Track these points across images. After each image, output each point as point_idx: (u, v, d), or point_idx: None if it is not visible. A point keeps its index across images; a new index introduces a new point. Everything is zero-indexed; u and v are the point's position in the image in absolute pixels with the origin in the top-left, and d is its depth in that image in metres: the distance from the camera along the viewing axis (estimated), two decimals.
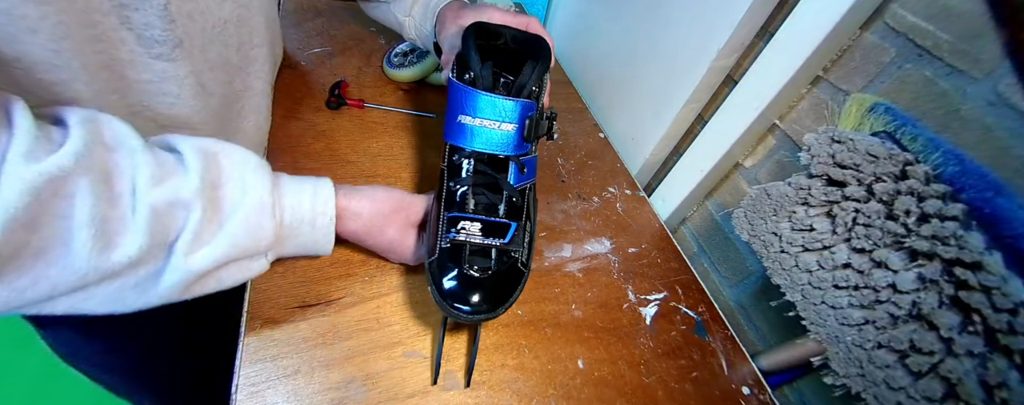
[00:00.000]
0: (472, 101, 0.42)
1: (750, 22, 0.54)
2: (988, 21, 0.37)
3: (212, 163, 0.35)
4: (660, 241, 0.65)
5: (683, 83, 0.63)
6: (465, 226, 0.41)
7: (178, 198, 0.32)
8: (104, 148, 0.30)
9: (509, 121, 0.43)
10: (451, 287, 0.39)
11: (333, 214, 0.41)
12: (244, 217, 0.35)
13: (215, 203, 0.34)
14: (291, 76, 0.69)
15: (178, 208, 0.32)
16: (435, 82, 0.75)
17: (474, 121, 0.42)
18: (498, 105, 0.42)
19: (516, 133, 0.43)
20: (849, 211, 0.43)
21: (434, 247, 0.42)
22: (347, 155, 0.61)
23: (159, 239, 0.31)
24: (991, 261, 0.35)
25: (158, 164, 0.32)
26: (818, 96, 0.51)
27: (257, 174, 0.37)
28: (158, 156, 0.33)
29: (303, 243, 0.41)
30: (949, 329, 0.37)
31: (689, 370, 0.51)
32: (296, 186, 0.40)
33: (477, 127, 0.42)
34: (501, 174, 0.44)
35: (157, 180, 0.31)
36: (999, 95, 0.37)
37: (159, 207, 0.31)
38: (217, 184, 0.35)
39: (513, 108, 0.42)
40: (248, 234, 0.35)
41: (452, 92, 0.44)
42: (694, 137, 0.64)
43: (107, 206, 0.29)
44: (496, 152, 0.43)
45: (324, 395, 0.40)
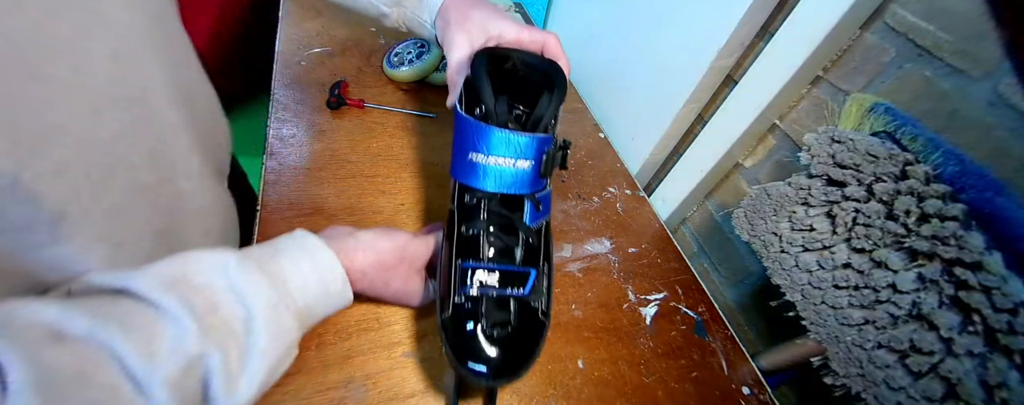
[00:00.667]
0: (485, 138, 0.38)
1: (750, 22, 0.54)
2: (988, 21, 0.37)
3: (186, 290, 0.29)
4: (660, 241, 0.65)
5: (683, 83, 0.63)
6: (482, 278, 0.38)
7: (188, 357, 0.27)
8: (50, 347, 0.23)
9: (525, 158, 0.39)
10: (468, 348, 0.36)
11: (343, 275, 0.37)
12: (263, 326, 0.30)
13: (223, 330, 0.29)
14: (291, 76, 0.69)
15: (192, 365, 0.27)
16: (435, 82, 0.75)
17: (486, 159, 0.38)
18: (513, 141, 0.38)
19: (532, 170, 0.40)
20: (849, 211, 0.43)
21: (447, 302, 0.38)
22: (347, 155, 0.61)
23: (190, 400, 0.27)
24: (991, 261, 0.35)
25: (131, 330, 0.25)
26: (818, 96, 0.51)
27: (244, 275, 0.31)
28: (124, 319, 0.26)
29: (324, 314, 0.37)
30: (949, 329, 0.37)
31: (689, 370, 0.51)
32: (289, 262, 0.35)
33: (490, 165, 0.38)
34: (516, 213, 0.40)
35: (149, 349, 0.26)
36: (999, 95, 0.37)
37: (173, 378, 0.26)
38: (210, 309, 0.29)
39: (529, 144, 0.39)
40: (275, 340, 0.31)
41: (461, 126, 0.40)
42: (694, 137, 0.64)
43: None
44: (511, 192, 0.39)
45: (324, 395, 0.40)
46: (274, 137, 0.59)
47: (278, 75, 0.68)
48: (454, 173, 0.41)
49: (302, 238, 0.37)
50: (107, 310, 0.26)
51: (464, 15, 0.47)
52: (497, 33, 0.45)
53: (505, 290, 0.38)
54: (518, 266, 0.40)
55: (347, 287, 0.37)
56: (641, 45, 0.72)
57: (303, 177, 0.56)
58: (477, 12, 0.47)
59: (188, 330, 0.27)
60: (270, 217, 0.51)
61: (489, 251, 0.40)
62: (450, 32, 0.47)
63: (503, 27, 0.45)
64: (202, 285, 0.30)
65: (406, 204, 0.58)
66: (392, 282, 0.41)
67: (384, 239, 0.41)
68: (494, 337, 0.36)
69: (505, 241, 0.40)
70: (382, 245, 0.40)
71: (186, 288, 0.29)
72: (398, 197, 0.58)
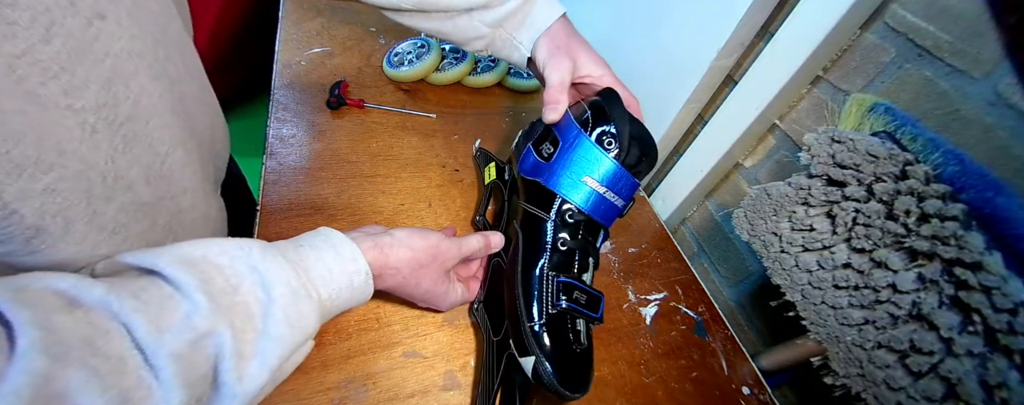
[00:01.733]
0: (609, 172, 0.42)
1: (750, 22, 0.54)
2: (988, 21, 0.37)
3: (207, 269, 0.29)
4: (660, 241, 0.65)
5: (683, 83, 0.63)
6: (577, 296, 0.41)
7: (197, 332, 0.27)
8: (62, 314, 0.23)
9: (623, 197, 0.43)
10: (559, 359, 0.38)
11: (367, 269, 0.37)
12: (281, 313, 0.30)
13: (240, 311, 0.29)
14: (291, 76, 0.69)
15: (202, 340, 0.27)
16: (435, 82, 0.75)
17: (600, 188, 0.42)
18: (625, 181, 0.43)
19: (622, 208, 0.44)
20: (849, 211, 0.43)
21: (537, 310, 0.40)
22: (347, 155, 0.61)
23: (197, 382, 0.27)
24: (991, 261, 0.35)
25: (144, 303, 0.26)
26: (818, 96, 0.51)
27: (267, 260, 0.31)
28: (138, 292, 0.26)
29: (344, 307, 0.37)
30: (949, 329, 0.37)
31: (689, 370, 0.51)
32: (313, 253, 0.35)
33: (600, 194, 0.42)
34: (592, 239, 0.44)
35: (159, 322, 0.26)
36: (999, 95, 0.37)
37: (181, 352, 0.26)
38: (229, 290, 0.29)
39: (632, 187, 0.43)
40: (292, 328, 0.31)
41: (584, 150, 0.43)
42: (694, 137, 0.64)
43: (118, 378, 0.23)
44: (602, 222, 0.43)
45: (324, 395, 0.40)
46: (274, 137, 0.59)
47: (278, 75, 0.68)
48: (556, 186, 0.44)
49: (326, 233, 0.37)
50: (122, 283, 0.27)
51: (573, 45, 0.50)
52: (598, 76, 0.49)
53: (587, 311, 0.41)
54: (595, 289, 0.43)
55: (370, 281, 0.37)
56: (641, 45, 0.72)
57: (303, 177, 0.56)
58: (584, 48, 0.51)
59: (200, 306, 0.27)
60: (270, 217, 0.51)
61: (578, 269, 0.43)
62: (559, 55, 0.49)
63: (603, 73, 0.49)
64: (224, 266, 0.30)
65: (406, 204, 0.57)
66: (423, 281, 0.41)
67: (418, 237, 0.41)
68: (577, 353, 0.39)
69: (586, 264, 0.44)
70: (417, 243, 0.41)
71: (207, 267, 0.29)
72: (398, 197, 0.58)
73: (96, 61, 0.28)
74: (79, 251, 0.30)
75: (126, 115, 0.32)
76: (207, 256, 0.30)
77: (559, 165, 0.44)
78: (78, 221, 0.29)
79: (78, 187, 0.28)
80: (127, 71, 0.31)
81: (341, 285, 0.35)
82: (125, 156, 0.32)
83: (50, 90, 0.26)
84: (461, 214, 0.59)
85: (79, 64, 0.27)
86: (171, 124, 0.37)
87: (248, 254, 0.31)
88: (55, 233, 0.28)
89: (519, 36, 0.52)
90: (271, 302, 0.30)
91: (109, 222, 0.31)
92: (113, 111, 0.30)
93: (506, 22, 0.52)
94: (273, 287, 0.31)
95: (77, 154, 0.28)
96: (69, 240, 0.29)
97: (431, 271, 0.42)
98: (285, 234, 0.50)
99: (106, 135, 0.30)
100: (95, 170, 0.29)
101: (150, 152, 0.35)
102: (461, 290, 0.45)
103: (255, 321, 0.30)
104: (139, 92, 0.33)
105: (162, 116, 0.36)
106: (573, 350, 0.39)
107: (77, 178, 0.28)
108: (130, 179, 0.33)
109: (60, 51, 0.26)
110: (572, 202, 0.43)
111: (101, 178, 0.30)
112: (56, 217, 0.27)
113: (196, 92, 0.43)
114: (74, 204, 0.28)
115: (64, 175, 0.27)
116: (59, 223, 0.28)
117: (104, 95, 0.29)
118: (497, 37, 0.53)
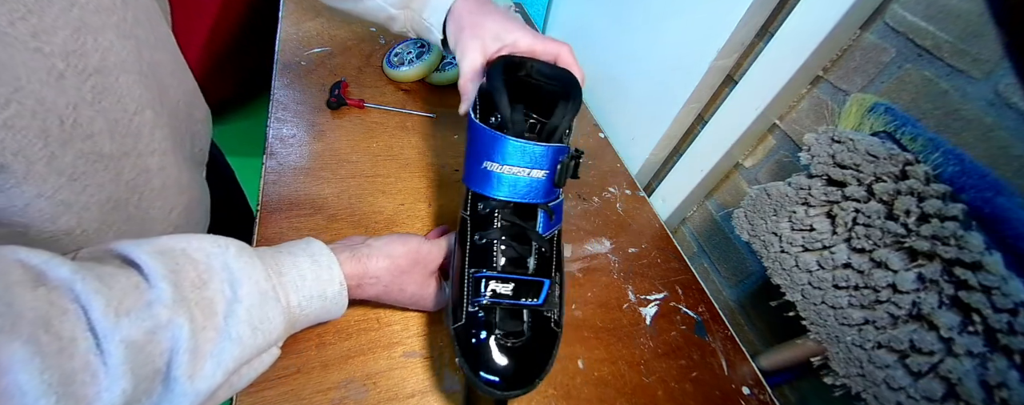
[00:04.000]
0: (500, 147, 0.38)
1: (750, 22, 0.54)
2: (988, 21, 0.37)
3: (181, 262, 0.29)
4: (660, 241, 0.65)
5: (683, 83, 0.63)
6: (495, 287, 0.38)
7: (155, 321, 0.26)
8: (25, 288, 0.23)
9: (539, 168, 0.39)
10: (482, 358, 0.36)
11: (342, 279, 0.36)
12: (245, 313, 0.30)
13: (204, 307, 0.29)
14: (291, 76, 0.69)
15: (159, 331, 0.26)
16: (435, 82, 0.75)
17: (501, 168, 0.39)
18: (528, 151, 0.38)
19: (547, 179, 0.40)
20: (849, 211, 0.43)
21: (459, 311, 0.38)
22: (347, 155, 0.61)
23: (146, 374, 0.26)
24: (991, 261, 0.35)
25: (108, 287, 0.25)
26: (818, 96, 0.51)
27: (242, 260, 0.31)
28: (104, 277, 0.26)
29: (316, 318, 0.36)
30: (949, 329, 0.37)
31: (689, 370, 0.51)
32: (289, 259, 0.35)
33: (504, 175, 0.39)
34: (529, 222, 0.40)
35: (118, 307, 0.25)
36: (999, 95, 0.37)
37: (134, 339, 0.25)
38: (198, 284, 0.29)
39: (544, 153, 0.39)
40: (255, 331, 0.30)
41: (476, 134, 0.40)
42: (694, 137, 0.64)
43: (62, 360, 0.23)
44: (525, 201, 0.40)
45: (324, 395, 0.40)
46: (274, 137, 0.59)
47: (278, 75, 0.68)
48: (467, 181, 0.41)
49: (309, 242, 0.37)
50: (93, 266, 0.26)
51: (477, 22, 0.46)
52: (512, 42, 0.45)
53: (519, 300, 0.38)
54: (532, 276, 0.39)
55: (344, 293, 0.37)
56: (641, 45, 0.72)
57: (303, 177, 0.56)
58: (490, 19, 0.46)
59: (164, 295, 0.27)
60: (270, 217, 0.51)
61: (502, 260, 0.39)
62: (463, 38, 0.46)
63: (517, 36, 0.45)
64: (199, 261, 0.30)
65: (406, 204, 0.58)
66: (407, 287, 0.41)
67: (397, 244, 0.41)
68: (507, 347, 0.36)
69: (518, 250, 0.40)
70: (396, 250, 0.40)
71: (183, 260, 0.29)
72: (398, 197, 0.58)
73: (63, 8, 0.29)
74: (41, 194, 0.30)
75: (94, 67, 0.32)
76: (186, 250, 0.30)
77: (468, 159, 0.42)
78: (38, 162, 0.29)
79: (33, 126, 0.28)
80: (95, 24, 0.32)
81: (313, 293, 0.35)
82: (92, 106, 0.32)
83: (19, 30, 0.27)
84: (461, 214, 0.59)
85: (47, 8, 0.28)
86: (140, 84, 0.37)
87: (224, 252, 0.31)
88: (18, 172, 0.28)
89: (429, 18, 0.50)
90: (236, 301, 0.30)
91: (67, 167, 0.32)
92: (82, 60, 0.31)
93: (413, 2, 0.50)
94: (241, 285, 0.30)
95: (35, 94, 0.28)
96: (31, 181, 0.29)
97: (413, 276, 0.41)
98: (285, 234, 0.50)
99: (74, 82, 0.31)
100: (53, 113, 0.30)
101: (118, 107, 0.35)
102: (449, 288, 0.44)
103: (217, 319, 0.29)
104: (107, 47, 0.33)
105: (131, 74, 0.36)
106: (502, 345, 0.36)
107: (32, 116, 0.28)
108: (92, 129, 0.33)
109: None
110: (481, 192, 0.40)
111: (58, 121, 0.30)
112: (17, 155, 0.28)
113: (169, 64, 0.43)
114: (31, 143, 0.29)
115: (20, 112, 0.27)
116: (21, 163, 0.28)
117: (73, 42, 0.30)
118: (411, 19, 0.52)
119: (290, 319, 0.33)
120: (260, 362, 0.33)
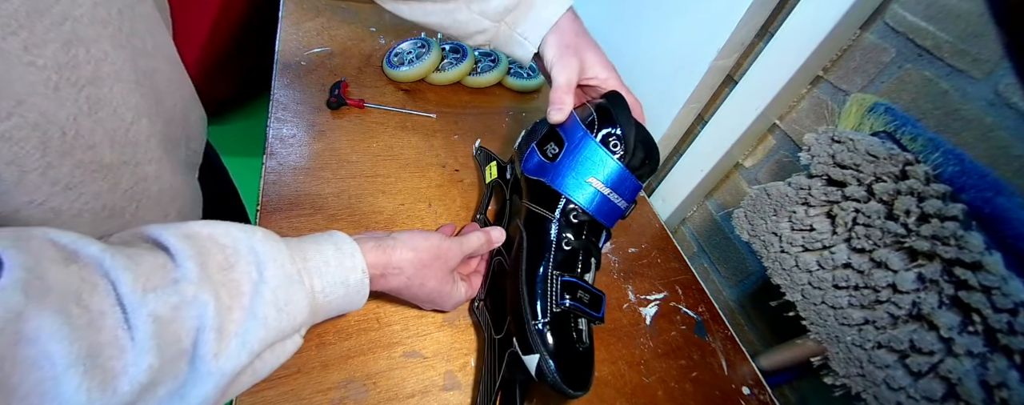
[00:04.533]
0: (614, 174, 0.43)
1: (750, 22, 0.54)
2: (988, 21, 0.37)
3: (208, 245, 0.30)
4: (660, 241, 0.65)
5: (683, 83, 0.63)
6: (581, 296, 0.41)
7: (181, 296, 0.27)
8: (57, 264, 0.24)
9: (626, 199, 0.44)
10: (563, 357, 0.38)
11: (364, 267, 0.37)
12: (271, 295, 0.30)
13: (230, 288, 0.29)
14: (291, 76, 0.69)
15: (185, 308, 0.27)
16: (435, 82, 0.75)
17: (604, 189, 0.43)
18: (628, 183, 0.43)
19: (624, 209, 0.45)
20: (849, 211, 0.43)
21: (545, 309, 0.40)
22: (347, 155, 0.61)
23: (173, 350, 0.26)
24: (991, 261, 0.35)
25: (136, 264, 0.26)
26: (818, 96, 0.51)
27: (268, 244, 0.32)
28: (132, 255, 0.27)
29: (338, 307, 0.36)
30: (949, 329, 0.37)
31: (689, 370, 0.51)
32: (313, 245, 0.35)
33: (604, 195, 0.43)
34: (595, 239, 0.44)
35: (146, 283, 0.26)
36: (999, 95, 0.37)
37: (162, 314, 0.26)
38: (225, 266, 0.30)
39: (634, 188, 0.44)
40: (280, 312, 0.31)
41: (589, 151, 0.43)
42: (694, 137, 0.64)
43: (91, 332, 0.23)
44: (604, 222, 0.44)
45: (324, 395, 0.40)
46: (274, 137, 0.59)
47: (278, 75, 0.68)
48: (560, 186, 0.44)
49: (332, 233, 0.38)
50: (122, 245, 0.27)
51: (581, 44, 0.50)
52: (603, 78, 0.49)
53: (592, 311, 0.41)
54: (597, 289, 0.43)
55: (366, 281, 0.37)
56: (641, 45, 0.72)
57: (303, 177, 0.56)
58: (591, 49, 0.50)
59: (190, 274, 0.27)
60: (270, 217, 0.51)
61: (580, 269, 0.43)
62: (566, 54, 0.48)
63: (610, 75, 0.49)
64: (226, 245, 0.30)
65: (406, 204, 0.57)
66: (428, 281, 0.41)
67: (421, 238, 0.41)
68: (579, 354, 0.39)
69: (588, 264, 0.44)
70: (420, 243, 0.41)
71: (209, 243, 0.30)
72: (398, 197, 0.58)
73: (55, 22, 0.29)
74: (32, 201, 0.31)
75: (87, 78, 0.32)
76: (213, 234, 0.30)
77: (564, 166, 0.44)
78: (32, 171, 0.30)
79: (33, 137, 0.29)
80: (88, 36, 0.32)
81: (336, 279, 0.35)
82: (90, 117, 0.33)
83: (11, 45, 0.27)
84: (461, 214, 0.59)
85: (37, 22, 0.28)
86: (135, 93, 0.37)
87: (251, 237, 0.32)
88: (9, 181, 0.29)
89: (524, 31, 0.51)
90: (262, 282, 0.30)
91: (64, 177, 0.32)
92: (74, 72, 0.31)
93: (508, 15, 0.51)
94: (267, 267, 0.31)
95: (37, 106, 0.28)
96: (22, 190, 0.30)
97: (435, 270, 0.42)
98: (285, 234, 0.50)
99: (69, 94, 0.31)
100: (54, 124, 0.30)
101: (115, 117, 0.35)
102: (464, 288, 0.45)
103: (243, 299, 0.29)
104: (101, 58, 0.33)
105: (125, 84, 0.36)
106: (576, 349, 0.39)
107: (33, 128, 0.28)
108: (94, 140, 0.33)
109: (18, 8, 0.27)
110: (576, 202, 0.43)
111: (60, 132, 0.30)
112: (10, 165, 0.28)
113: (166, 72, 0.43)
114: (29, 154, 0.29)
115: (21, 124, 0.28)
116: (13, 171, 0.28)
117: (63, 55, 0.30)
118: (500, 32, 0.52)
119: (313, 305, 0.34)
120: (283, 349, 0.33)
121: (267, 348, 0.31)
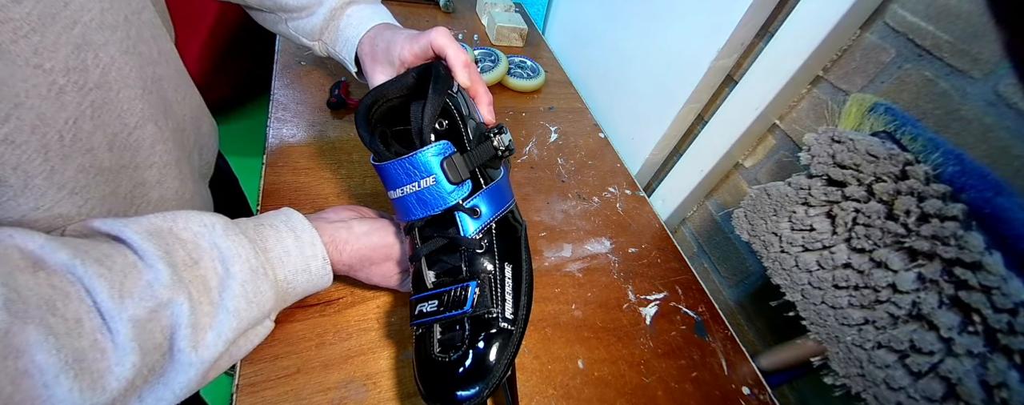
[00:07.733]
0: (384, 175, 0.39)
1: (750, 22, 0.54)
2: (988, 21, 0.37)
3: (171, 242, 0.31)
4: (660, 241, 0.65)
5: (683, 83, 0.63)
6: (422, 308, 0.37)
7: (156, 301, 0.28)
8: (25, 273, 0.25)
9: (425, 176, 0.37)
10: (427, 379, 0.35)
11: (324, 253, 0.38)
12: (240, 288, 0.32)
13: (198, 283, 0.31)
14: (291, 76, 0.69)
15: (161, 309, 0.28)
16: None
17: (399, 193, 0.38)
18: (403, 167, 0.37)
19: (438, 183, 0.37)
20: (849, 211, 0.43)
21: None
22: (347, 155, 0.61)
23: (153, 347, 0.28)
24: (991, 261, 0.35)
25: (108, 269, 0.27)
26: (818, 96, 0.51)
27: (229, 237, 0.33)
28: (103, 259, 0.28)
29: (303, 291, 0.39)
30: (949, 329, 0.37)
31: (689, 370, 0.51)
32: (273, 233, 0.36)
33: (407, 196, 0.38)
34: (449, 229, 0.38)
35: (122, 289, 0.27)
36: (999, 95, 0.37)
37: (140, 317, 0.27)
38: (190, 263, 0.31)
39: (418, 161, 0.37)
40: (250, 304, 0.33)
41: (383, 172, 0.40)
42: (694, 137, 0.64)
43: (73, 339, 0.25)
44: (433, 212, 0.38)
45: (324, 395, 0.40)
46: (274, 137, 0.59)
47: (278, 75, 0.68)
48: (397, 218, 0.41)
49: (288, 215, 0.39)
50: (88, 248, 0.28)
51: (374, 52, 0.48)
52: (400, 60, 0.46)
53: (447, 313, 0.36)
54: (458, 283, 0.37)
55: (327, 267, 0.39)
56: (641, 45, 0.72)
57: (303, 177, 0.56)
58: (382, 45, 0.48)
59: (162, 276, 0.29)
60: None
61: (431, 277, 0.39)
62: (374, 70, 0.49)
63: (402, 51, 0.46)
64: (187, 240, 0.32)
65: None
66: (372, 276, 0.44)
67: (377, 236, 0.42)
68: (442, 364, 0.35)
69: (449, 262, 0.39)
70: (373, 241, 0.42)
71: (171, 240, 0.31)
72: None
73: (65, 27, 0.30)
74: (38, 207, 0.31)
75: (95, 82, 0.33)
76: (173, 229, 0.32)
77: (393, 198, 0.41)
78: (37, 176, 0.30)
79: (33, 140, 0.29)
80: (97, 41, 0.33)
81: (297, 267, 0.37)
82: (91, 121, 0.33)
83: (21, 48, 0.27)
84: None
85: (49, 27, 0.29)
86: (141, 99, 0.38)
87: (211, 230, 0.33)
88: (15, 186, 0.29)
89: (338, 51, 0.53)
90: (229, 276, 0.32)
91: (69, 181, 0.32)
92: (82, 76, 0.32)
93: (323, 35, 0.53)
94: (232, 263, 0.32)
95: (35, 109, 0.29)
96: (29, 195, 0.30)
97: (382, 268, 0.43)
98: None
99: (74, 97, 0.31)
100: (53, 128, 0.30)
101: (118, 121, 0.36)
102: None
103: (212, 294, 0.31)
104: (108, 63, 0.34)
105: (133, 89, 0.37)
106: (434, 361, 0.36)
107: (32, 131, 0.29)
108: (92, 143, 0.33)
109: (31, 12, 0.27)
110: (404, 220, 0.40)
111: (58, 136, 0.31)
112: (16, 169, 0.28)
113: (173, 79, 0.44)
114: (31, 158, 0.29)
115: (19, 127, 0.28)
116: (19, 176, 0.29)
117: (74, 59, 0.31)
118: (325, 48, 0.55)
119: (279, 292, 0.36)
120: (255, 334, 0.35)
121: (240, 335, 0.33)
